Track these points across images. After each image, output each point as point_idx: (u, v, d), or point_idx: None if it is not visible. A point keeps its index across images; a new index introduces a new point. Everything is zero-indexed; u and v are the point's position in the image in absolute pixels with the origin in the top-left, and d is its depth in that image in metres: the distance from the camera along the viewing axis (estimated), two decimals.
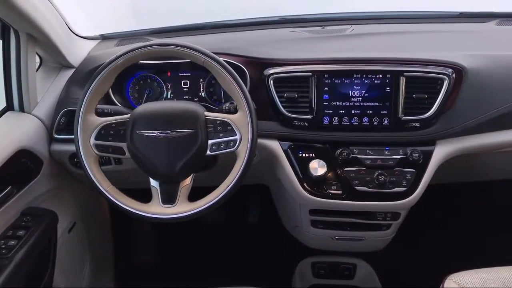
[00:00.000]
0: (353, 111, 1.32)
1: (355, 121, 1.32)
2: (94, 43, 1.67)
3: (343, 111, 1.32)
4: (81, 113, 1.16)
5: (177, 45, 1.15)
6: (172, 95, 1.48)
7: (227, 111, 1.24)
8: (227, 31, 1.66)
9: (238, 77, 1.15)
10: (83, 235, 1.71)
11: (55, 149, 1.41)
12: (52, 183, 1.47)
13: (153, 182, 1.19)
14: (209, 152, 1.16)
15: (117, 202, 1.17)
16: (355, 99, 1.31)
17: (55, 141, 1.41)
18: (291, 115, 1.33)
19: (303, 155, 1.36)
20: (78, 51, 1.54)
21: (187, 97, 1.47)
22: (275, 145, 1.38)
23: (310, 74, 1.31)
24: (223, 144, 1.16)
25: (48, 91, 1.44)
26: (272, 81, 1.32)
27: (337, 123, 1.33)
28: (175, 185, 1.18)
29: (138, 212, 1.17)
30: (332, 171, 1.34)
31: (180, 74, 1.47)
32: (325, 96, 1.32)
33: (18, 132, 1.31)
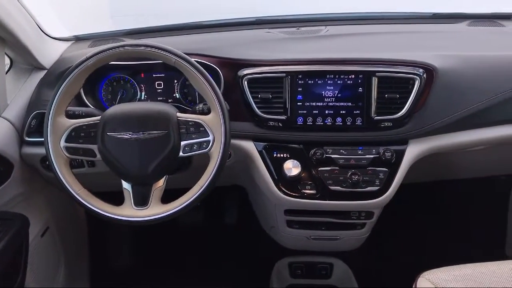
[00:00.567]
0: (326, 111, 1.33)
1: (328, 121, 1.33)
2: (67, 44, 1.64)
3: (316, 111, 1.33)
4: (50, 115, 1.14)
5: (148, 46, 1.14)
6: (146, 96, 1.47)
7: (201, 112, 1.23)
8: (202, 32, 1.66)
9: (210, 77, 1.15)
10: (57, 239, 1.68)
11: (26, 152, 1.38)
12: (24, 187, 1.44)
13: (125, 185, 1.18)
14: (182, 154, 1.15)
15: (88, 205, 1.16)
16: (328, 100, 1.32)
17: (26, 144, 1.38)
18: (265, 115, 1.33)
19: (278, 155, 1.36)
20: (50, 52, 1.52)
21: (161, 98, 1.46)
22: (249, 145, 1.38)
23: (284, 74, 1.31)
24: (196, 145, 1.15)
25: (19, 93, 1.42)
26: (246, 82, 1.32)
27: (311, 123, 1.33)
28: (148, 187, 1.17)
29: (110, 215, 1.16)
30: (306, 171, 1.34)
31: (154, 75, 1.46)
32: (299, 96, 1.32)
33: None
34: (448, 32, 1.62)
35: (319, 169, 1.34)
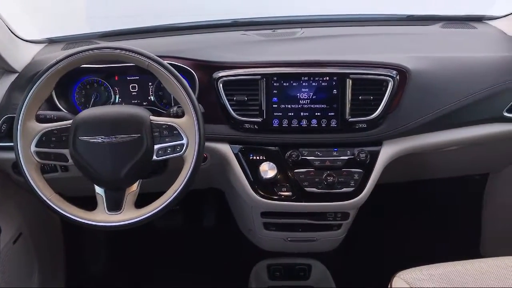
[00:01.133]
0: (301, 113, 1.33)
1: (303, 123, 1.33)
2: (40, 47, 1.61)
3: (292, 114, 1.33)
4: (20, 120, 1.12)
5: (121, 49, 1.13)
6: (120, 99, 1.45)
7: (175, 115, 1.22)
8: (178, 34, 1.64)
9: (183, 80, 1.14)
10: (30, 246, 1.65)
11: None
12: None
13: (98, 189, 1.17)
14: (155, 157, 1.14)
15: (60, 211, 1.14)
16: (303, 102, 1.32)
17: None
18: (241, 118, 1.33)
19: (254, 157, 1.36)
20: (22, 55, 1.48)
21: (136, 101, 1.45)
22: (225, 148, 1.38)
23: (259, 77, 1.31)
24: (169, 149, 1.14)
25: None
26: (221, 84, 1.32)
27: (287, 125, 1.33)
28: (121, 191, 1.16)
29: (82, 220, 1.14)
30: (282, 173, 1.35)
31: (128, 78, 1.44)
32: (274, 99, 1.32)
33: None
34: (421, 34, 1.64)
35: (295, 171, 1.34)
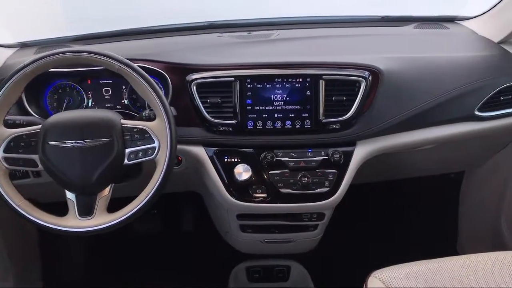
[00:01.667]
0: (276, 115, 1.33)
1: (278, 124, 1.33)
2: (11, 51, 1.59)
3: (266, 115, 1.33)
4: None
5: (89, 52, 1.11)
6: (93, 103, 1.43)
7: (147, 118, 1.21)
8: (152, 37, 1.64)
9: (153, 83, 1.13)
10: (4, 253, 1.62)
11: None
12: None
13: (69, 195, 1.15)
14: (127, 161, 1.13)
15: (30, 217, 1.12)
16: (277, 103, 1.33)
17: None
18: (215, 120, 1.32)
19: (229, 160, 1.35)
20: None
21: (110, 105, 1.43)
22: (200, 151, 1.37)
23: (233, 79, 1.31)
24: (141, 153, 1.13)
25: None
26: (195, 87, 1.31)
27: (261, 127, 1.33)
28: (92, 196, 1.14)
29: (53, 226, 1.12)
30: (257, 175, 1.34)
31: (101, 81, 1.42)
32: (248, 100, 1.32)
33: None
34: (395, 35, 1.66)
35: (270, 172, 1.34)
